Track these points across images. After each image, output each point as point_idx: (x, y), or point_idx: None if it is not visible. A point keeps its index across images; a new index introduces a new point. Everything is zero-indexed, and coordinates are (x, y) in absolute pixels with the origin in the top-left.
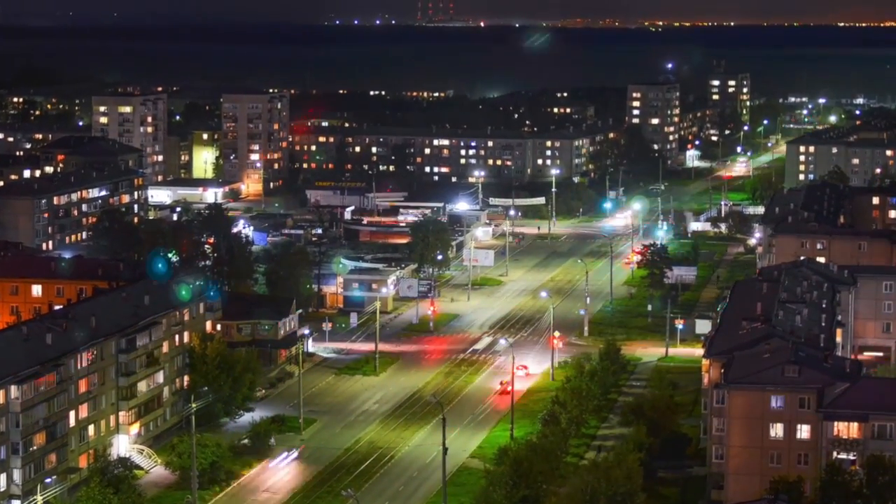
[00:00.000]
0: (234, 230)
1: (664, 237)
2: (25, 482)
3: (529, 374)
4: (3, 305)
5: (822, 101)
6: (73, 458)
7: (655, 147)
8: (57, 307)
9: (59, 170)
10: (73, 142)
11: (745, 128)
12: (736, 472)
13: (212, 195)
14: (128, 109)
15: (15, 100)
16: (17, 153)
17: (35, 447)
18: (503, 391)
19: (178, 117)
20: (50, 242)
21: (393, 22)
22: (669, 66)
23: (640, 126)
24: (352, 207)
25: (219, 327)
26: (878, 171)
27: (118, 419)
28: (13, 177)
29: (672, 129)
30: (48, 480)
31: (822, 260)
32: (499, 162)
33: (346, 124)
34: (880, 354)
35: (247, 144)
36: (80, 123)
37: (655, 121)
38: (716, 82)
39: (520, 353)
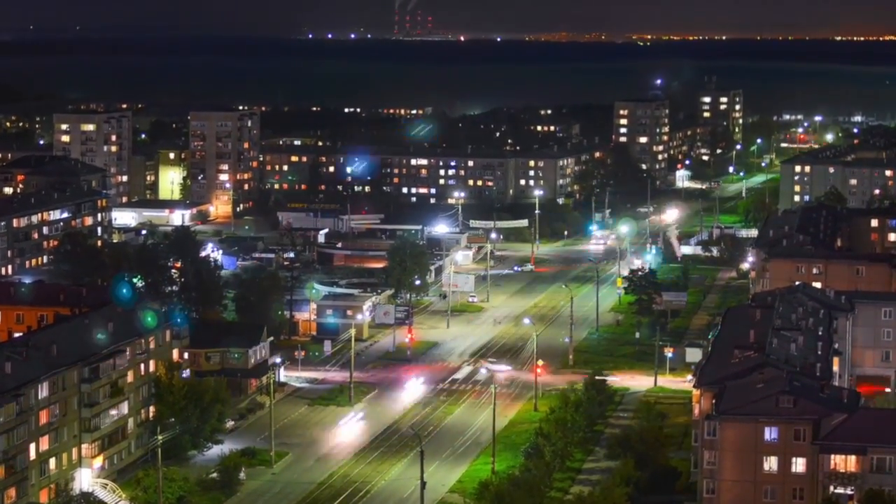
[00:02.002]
0: (203, 254)
1: (653, 261)
2: None
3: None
4: None
5: (818, 118)
6: (33, 492)
7: (644, 167)
8: (17, 334)
9: (18, 190)
10: (34, 161)
11: (738, 146)
12: None
13: (179, 217)
14: (91, 127)
15: None
16: None
17: None
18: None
19: (143, 135)
20: (9, 267)
21: (369, 36)
22: (658, 81)
23: (627, 145)
24: (325, 230)
25: (186, 356)
26: (876, 192)
27: (81, 452)
28: None
29: (661, 147)
30: None
31: (818, 285)
32: (479, 182)
33: (320, 143)
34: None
35: (215, 164)
36: (41, 142)
37: (644, 139)
38: (707, 99)
39: (501, 382)
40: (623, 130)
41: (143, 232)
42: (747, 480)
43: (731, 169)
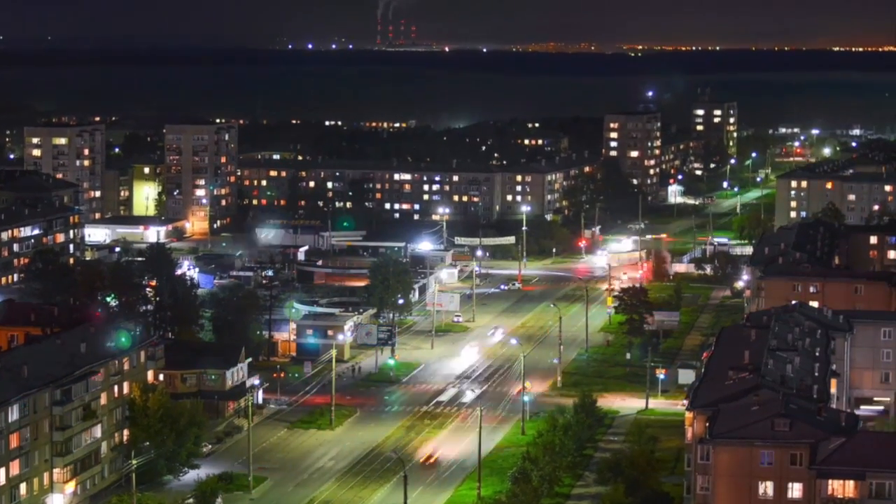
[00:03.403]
0: (178, 272)
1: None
2: None
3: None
4: None
5: (815, 131)
6: None
7: (635, 182)
8: None
9: None
10: (4, 176)
11: (732, 161)
12: None
13: (154, 234)
14: (63, 141)
15: None
16: None
17: None
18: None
19: (117, 149)
20: None
21: (350, 46)
22: (650, 93)
23: (617, 159)
24: (306, 247)
25: (161, 377)
26: (875, 207)
27: (52, 477)
28: None
29: (653, 162)
30: None
31: (815, 304)
32: (465, 198)
33: (300, 157)
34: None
35: (192, 179)
36: (12, 156)
37: (635, 153)
38: (700, 112)
39: (489, 404)
40: (613, 144)
41: (117, 249)
42: None
43: (725, 184)
